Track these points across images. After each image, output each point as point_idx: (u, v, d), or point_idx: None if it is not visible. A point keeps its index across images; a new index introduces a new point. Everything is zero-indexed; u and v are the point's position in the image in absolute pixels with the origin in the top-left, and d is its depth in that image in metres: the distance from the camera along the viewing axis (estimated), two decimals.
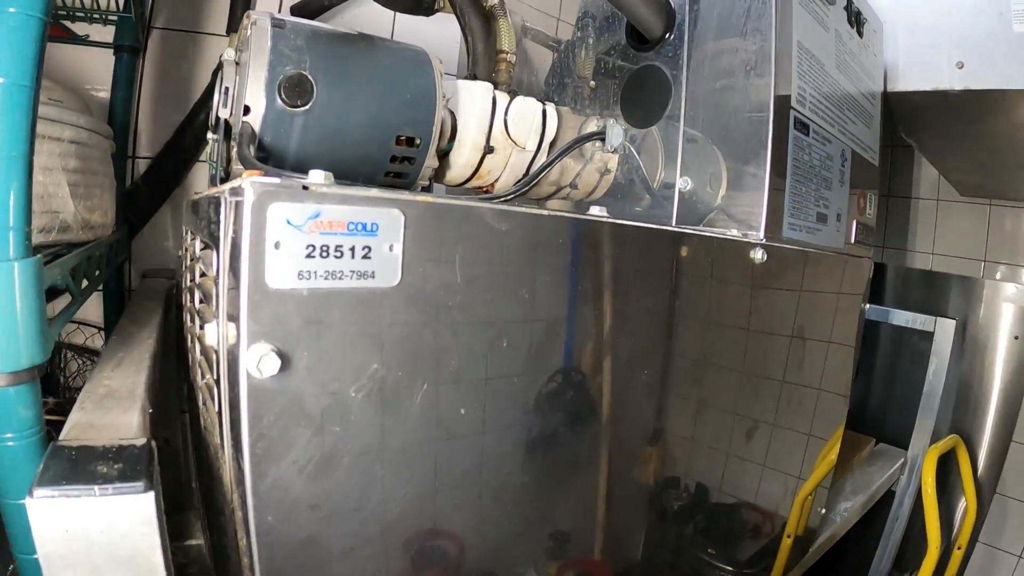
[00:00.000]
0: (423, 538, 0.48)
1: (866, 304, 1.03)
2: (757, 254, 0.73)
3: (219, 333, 0.43)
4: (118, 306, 1.19)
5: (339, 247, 0.39)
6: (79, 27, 1.07)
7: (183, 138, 1.15)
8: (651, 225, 0.57)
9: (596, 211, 0.53)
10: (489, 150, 0.86)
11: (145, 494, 0.41)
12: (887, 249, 1.90)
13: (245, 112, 0.70)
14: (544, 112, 0.88)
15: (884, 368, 1.58)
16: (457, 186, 0.99)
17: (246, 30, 0.73)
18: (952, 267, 1.78)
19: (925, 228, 1.87)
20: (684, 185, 0.80)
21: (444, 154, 0.88)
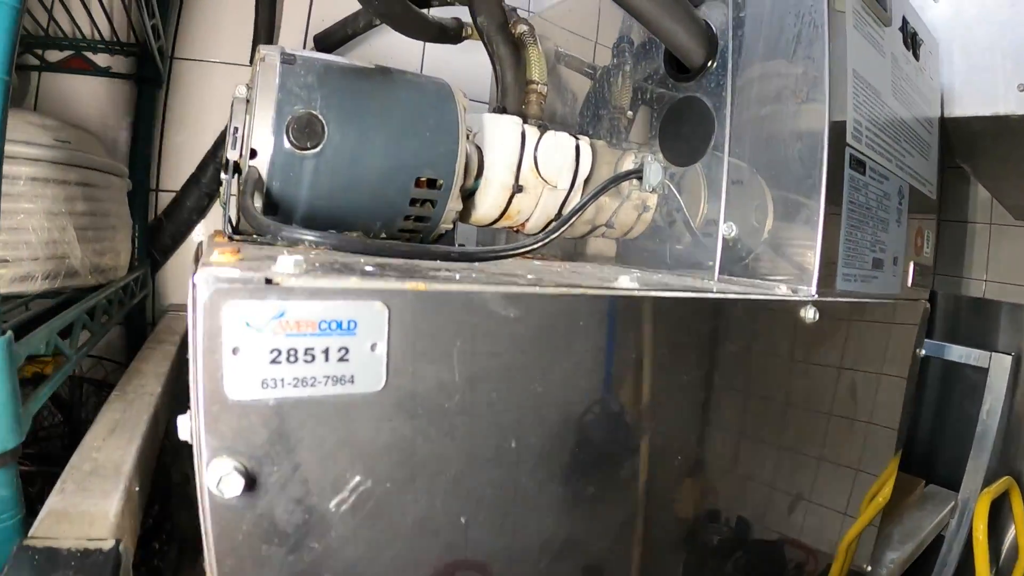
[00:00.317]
0: None
1: (922, 350, 0.93)
2: (808, 313, 0.64)
3: (191, 429, 0.37)
4: (139, 342, 1.16)
5: (310, 350, 0.33)
6: (101, 59, 1.05)
7: (205, 172, 1.12)
8: (688, 294, 0.49)
9: (625, 281, 0.46)
10: (518, 189, 0.80)
11: None
12: (937, 275, 1.78)
13: (252, 155, 0.65)
14: (577, 147, 0.81)
15: (934, 405, 1.47)
16: (485, 226, 0.93)
17: (256, 66, 0.68)
18: (1006, 294, 1.66)
19: (978, 253, 1.74)
20: (728, 231, 0.72)
21: (470, 193, 0.82)
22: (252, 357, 0.33)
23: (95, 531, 0.45)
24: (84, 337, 0.71)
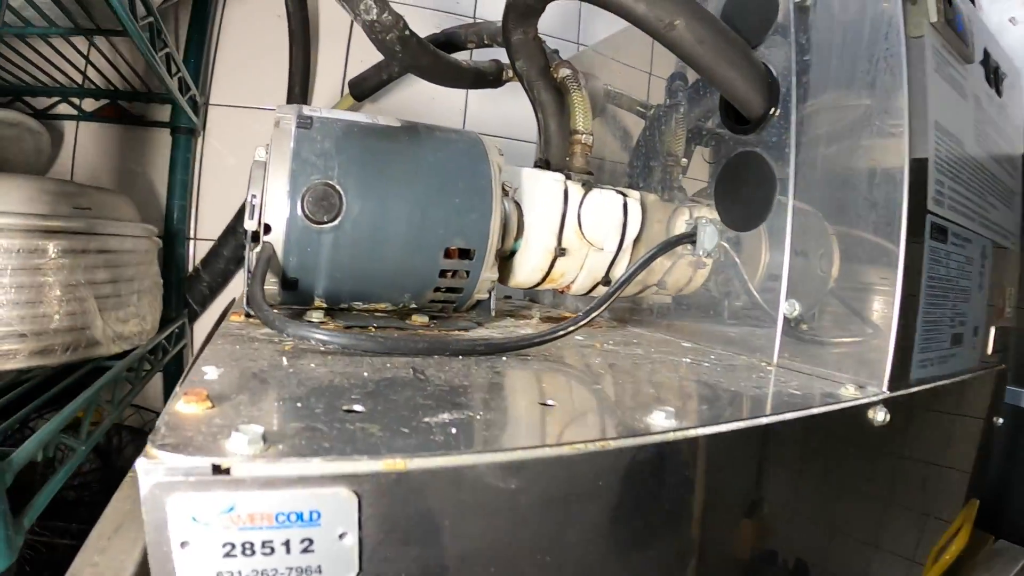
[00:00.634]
0: None
1: (999, 419, 0.81)
2: (878, 416, 0.53)
3: None
4: None
5: (268, 543, 0.26)
6: (136, 107, 1.03)
7: (242, 222, 1.08)
8: (735, 424, 0.40)
9: (659, 419, 0.37)
10: (561, 252, 0.72)
11: None
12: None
13: (266, 231, 0.60)
14: (625, 205, 0.73)
15: (1004, 453, 1.32)
16: (527, 289, 0.86)
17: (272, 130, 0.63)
18: None
19: None
20: (790, 310, 0.61)
21: (510, 254, 0.75)
22: (203, 551, 0.26)
23: None
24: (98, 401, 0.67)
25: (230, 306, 0.91)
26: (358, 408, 0.35)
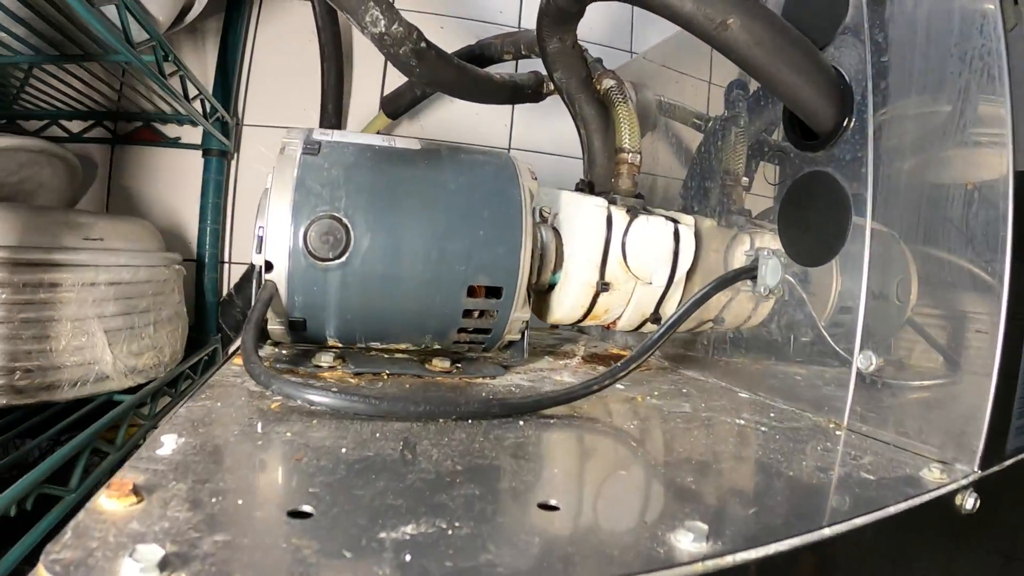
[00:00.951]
0: None
1: None
2: (968, 502, 0.42)
3: None
4: None
5: None
6: (170, 129, 1.01)
7: None
8: (782, 545, 0.30)
9: (686, 541, 0.28)
10: (603, 287, 0.64)
11: None
12: None
13: (267, 268, 0.54)
14: (676, 233, 0.64)
15: None
16: (568, 325, 0.78)
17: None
18: None
19: None
20: (866, 364, 0.51)
21: (548, 288, 0.67)
22: None
23: None
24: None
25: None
26: (307, 509, 0.28)
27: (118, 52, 0.60)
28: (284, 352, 0.61)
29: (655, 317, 0.69)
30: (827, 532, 0.32)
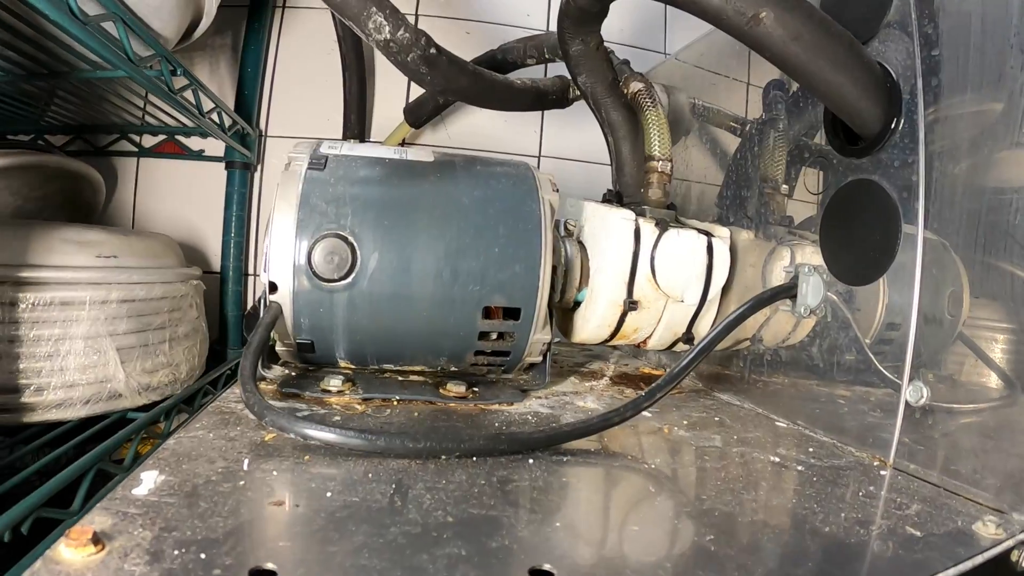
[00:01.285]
0: None
1: None
2: None
3: None
4: None
5: None
6: (193, 142, 1.00)
7: None
8: None
9: None
10: (631, 306, 0.59)
11: None
12: None
13: (272, 289, 0.51)
14: (710, 247, 0.60)
15: None
16: (595, 345, 0.73)
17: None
18: None
19: None
20: (916, 397, 0.45)
21: (574, 305, 0.63)
22: None
23: None
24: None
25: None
26: (271, 567, 0.25)
27: (117, 68, 0.58)
28: (294, 374, 0.58)
29: (688, 337, 0.65)
30: None
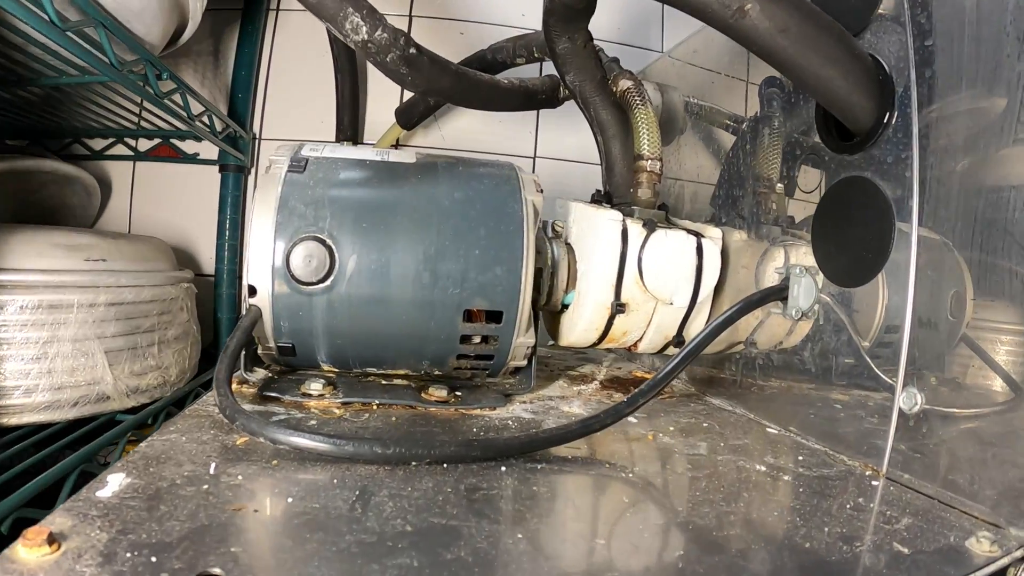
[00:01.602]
0: None
1: None
2: None
3: None
4: None
5: None
6: (188, 145, 1.00)
7: None
8: None
9: None
10: (619, 309, 0.58)
11: None
12: None
13: (251, 293, 0.51)
14: (699, 248, 0.58)
15: None
16: (584, 348, 0.72)
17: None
18: None
19: None
20: (909, 404, 0.44)
21: (562, 308, 0.62)
22: None
23: None
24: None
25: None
26: (217, 572, 0.25)
27: (100, 73, 0.58)
28: (275, 377, 0.57)
29: (679, 340, 0.63)
30: None
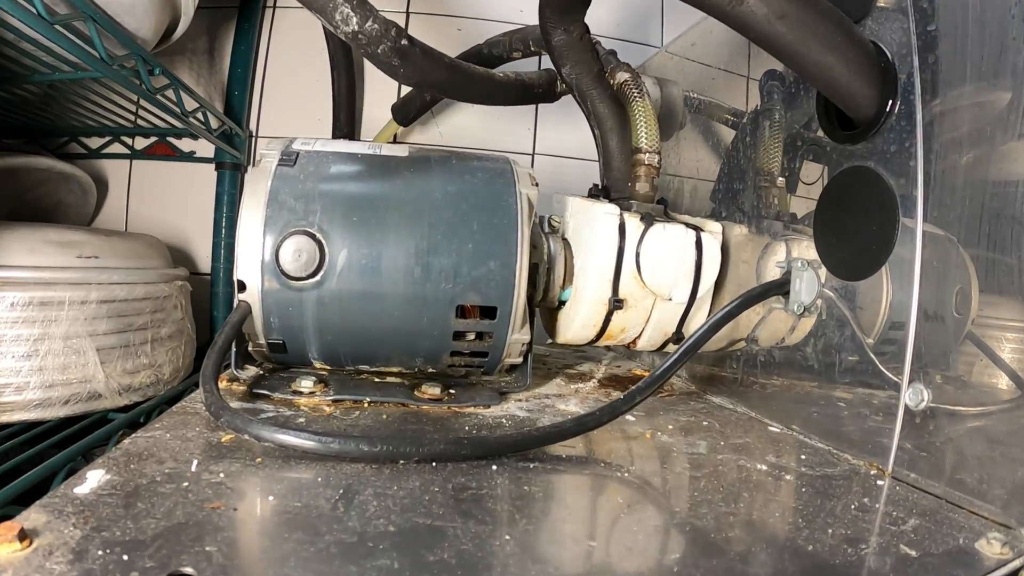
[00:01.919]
0: None
1: None
2: None
3: None
4: None
5: None
6: (185, 143, 0.99)
7: None
8: None
9: None
10: (617, 305, 0.57)
11: None
12: None
13: (240, 288, 0.50)
14: (699, 243, 0.57)
15: None
16: (581, 346, 0.71)
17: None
18: None
19: None
20: (916, 401, 0.42)
21: (560, 304, 0.61)
22: None
23: None
24: None
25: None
26: (188, 571, 0.24)
27: (90, 69, 0.57)
28: (266, 375, 0.57)
29: (678, 337, 0.62)
30: None
